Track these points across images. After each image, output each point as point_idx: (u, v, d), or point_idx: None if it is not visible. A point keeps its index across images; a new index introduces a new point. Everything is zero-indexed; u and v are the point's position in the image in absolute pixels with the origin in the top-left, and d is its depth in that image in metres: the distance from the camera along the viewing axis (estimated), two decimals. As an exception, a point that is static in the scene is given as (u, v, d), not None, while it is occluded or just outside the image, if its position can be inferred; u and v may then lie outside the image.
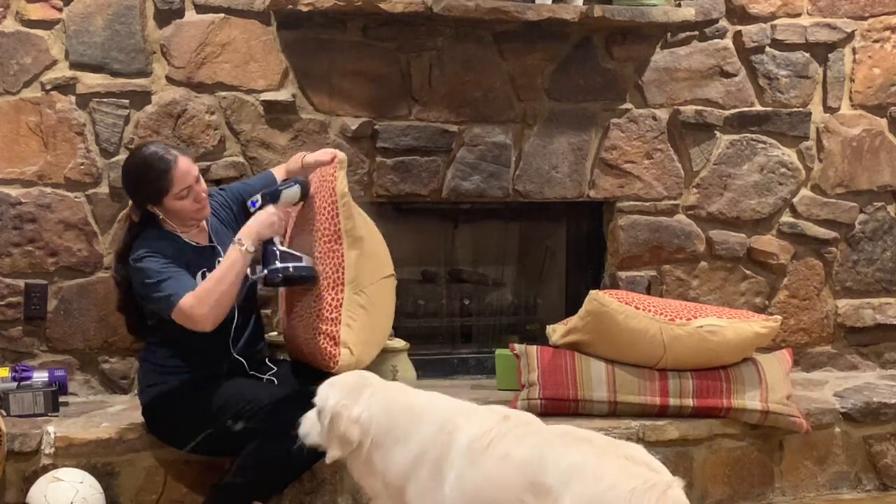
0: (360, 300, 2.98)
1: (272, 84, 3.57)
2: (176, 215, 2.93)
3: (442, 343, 4.04)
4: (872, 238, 4.10)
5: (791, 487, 3.45)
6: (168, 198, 2.88)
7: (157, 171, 2.86)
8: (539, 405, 3.30)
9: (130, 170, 2.96)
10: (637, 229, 3.90)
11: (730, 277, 3.99)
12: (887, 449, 3.56)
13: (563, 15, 3.58)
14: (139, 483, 3.04)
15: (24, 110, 3.41)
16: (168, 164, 2.86)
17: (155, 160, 2.88)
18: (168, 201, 2.89)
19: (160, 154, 2.89)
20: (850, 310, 4.09)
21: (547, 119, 3.79)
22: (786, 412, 3.32)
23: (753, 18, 3.91)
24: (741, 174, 3.95)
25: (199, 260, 2.94)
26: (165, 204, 2.89)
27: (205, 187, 2.97)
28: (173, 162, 2.87)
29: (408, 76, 3.66)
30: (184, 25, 3.49)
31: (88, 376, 3.52)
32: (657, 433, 3.28)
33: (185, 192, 2.88)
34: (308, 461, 2.84)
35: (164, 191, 2.86)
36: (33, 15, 3.40)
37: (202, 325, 2.78)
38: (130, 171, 2.96)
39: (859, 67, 4.02)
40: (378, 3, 3.42)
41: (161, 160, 2.87)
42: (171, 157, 2.88)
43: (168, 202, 2.89)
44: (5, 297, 3.44)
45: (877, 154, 4.06)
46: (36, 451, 2.98)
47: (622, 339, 3.31)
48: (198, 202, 2.92)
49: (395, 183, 3.67)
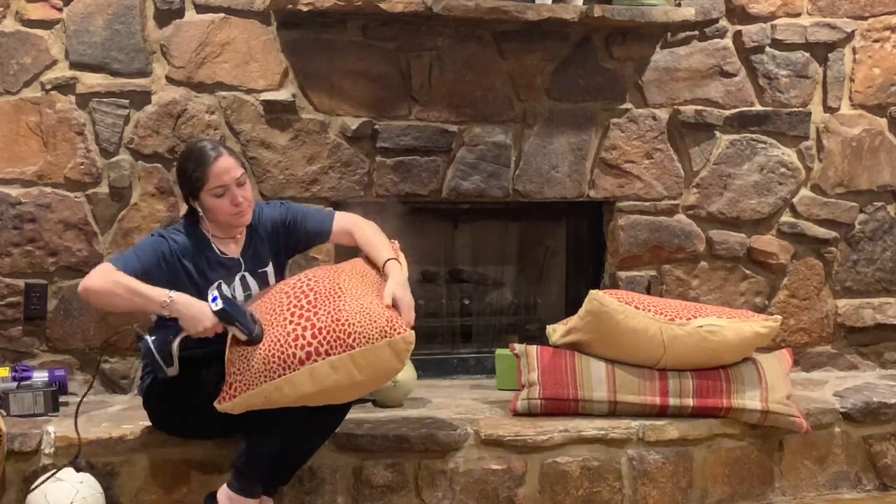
0: None
1: (272, 84, 3.57)
2: (214, 215, 2.95)
3: (442, 343, 4.05)
4: (872, 238, 4.10)
5: (791, 487, 3.45)
6: (204, 192, 2.92)
7: (197, 163, 2.92)
8: (539, 405, 3.31)
9: (180, 157, 3.06)
10: (637, 229, 3.90)
11: (730, 277, 3.99)
12: (887, 449, 3.56)
13: (563, 15, 3.58)
14: (139, 483, 3.04)
15: (24, 110, 3.41)
16: (208, 159, 2.92)
17: (198, 153, 2.95)
18: (205, 196, 2.92)
19: (206, 149, 2.96)
20: (850, 310, 4.09)
21: (547, 119, 3.79)
22: (786, 412, 3.32)
23: (753, 18, 3.91)
24: (741, 174, 3.95)
25: (218, 271, 2.95)
26: (203, 199, 2.93)
27: (249, 196, 2.97)
28: (214, 158, 2.92)
29: (408, 76, 3.67)
30: (184, 25, 3.49)
31: (88, 376, 3.52)
32: (657, 433, 3.28)
33: (221, 191, 2.91)
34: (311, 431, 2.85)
35: (201, 184, 2.91)
36: (33, 15, 3.40)
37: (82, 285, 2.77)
38: (178, 161, 3.06)
39: (859, 67, 4.02)
40: (378, 3, 3.43)
41: (203, 154, 2.94)
42: (213, 154, 2.93)
43: (205, 197, 2.93)
44: (5, 297, 3.44)
45: (877, 154, 4.07)
46: (36, 451, 2.98)
47: (622, 338, 3.31)
48: (235, 205, 2.92)
49: (395, 183, 3.68)
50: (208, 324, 2.75)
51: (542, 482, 3.20)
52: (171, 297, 2.75)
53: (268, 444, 2.77)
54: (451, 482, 3.14)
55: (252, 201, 2.99)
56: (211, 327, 2.76)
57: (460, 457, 3.15)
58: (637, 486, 3.27)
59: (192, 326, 2.75)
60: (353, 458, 3.10)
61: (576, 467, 3.22)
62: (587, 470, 3.23)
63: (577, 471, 3.22)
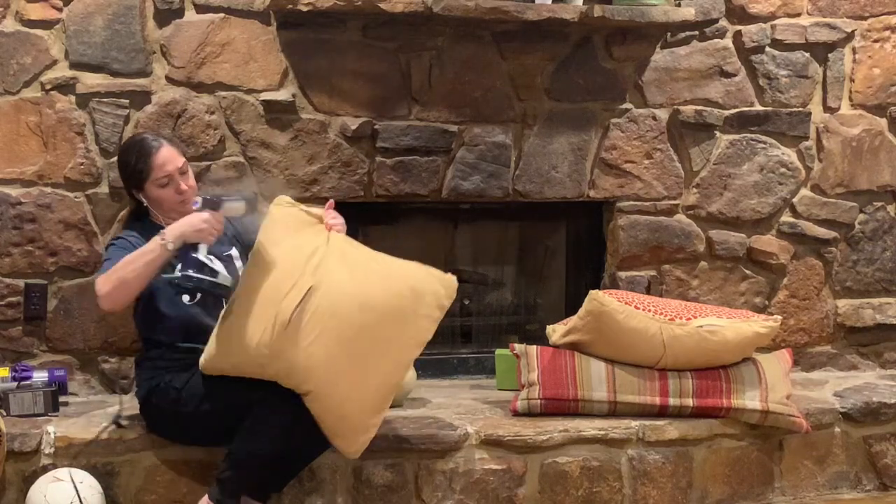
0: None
1: (272, 84, 3.57)
2: (159, 205, 3.01)
3: (442, 343, 4.03)
4: (872, 238, 4.10)
5: (791, 487, 3.45)
6: (149, 183, 2.98)
7: (139, 155, 2.99)
8: (539, 405, 3.31)
9: (120, 153, 3.13)
10: (637, 229, 3.90)
11: (730, 277, 3.99)
12: (887, 449, 3.57)
13: (563, 15, 3.58)
14: (139, 483, 3.03)
15: (24, 110, 3.41)
16: (151, 150, 2.98)
17: (140, 145, 3.02)
18: (149, 187, 2.99)
19: (147, 140, 3.04)
20: (850, 310, 4.09)
21: (547, 119, 3.79)
22: (786, 412, 3.32)
23: (753, 18, 3.91)
24: (741, 174, 3.95)
25: (181, 255, 2.96)
26: (147, 190, 3.00)
27: (192, 183, 3.05)
28: (157, 148, 2.98)
29: (408, 76, 3.67)
30: (184, 25, 3.49)
31: (88, 376, 3.52)
32: (657, 433, 3.28)
33: (165, 181, 2.97)
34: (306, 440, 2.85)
35: (145, 175, 2.97)
36: (33, 15, 3.40)
37: (103, 303, 2.81)
38: (120, 155, 3.12)
39: (859, 67, 4.02)
40: (378, 3, 3.42)
41: (145, 145, 3.01)
42: (155, 144, 3.00)
43: (149, 188, 2.99)
44: (5, 297, 3.44)
45: (877, 154, 4.07)
46: (36, 451, 2.98)
47: (622, 338, 3.31)
48: (180, 194, 2.99)
49: (395, 183, 3.68)
50: (204, 221, 2.79)
51: (542, 482, 3.21)
52: (164, 235, 2.79)
53: (261, 444, 2.75)
54: (451, 482, 3.14)
55: (195, 188, 3.06)
56: (212, 220, 2.80)
57: (460, 457, 3.16)
58: (637, 486, 3.27)
59: (199, 235, 2.80)
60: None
61: (576, 467, 3.22)
62: (587, 470, 3.23)
63: (576, 471, 3.22)
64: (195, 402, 2.85)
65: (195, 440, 2.98)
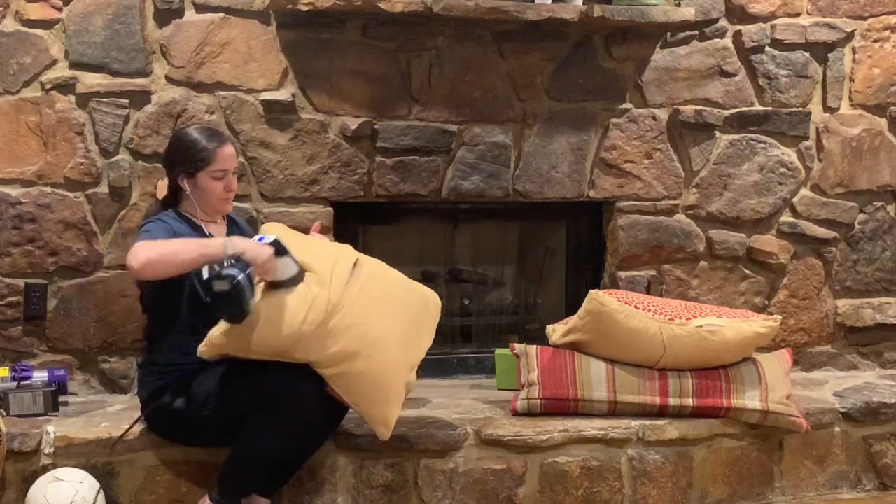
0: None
1: (272, 84, 3.57)
2: (204, 196, 2.97)
3: (442, 343, 4.03)
4: (872, 238, 4.10)
5: (791, 487, 3.45)
6: (205, 172, 2.94)
7: (206, 142, 2.95)
8: (539, 405, 3.31)
9: (181, 135, 3.02)
10: (637, 229, 3.90)
11: (729, 277, 3.99)
12: (887, 449, 3.57)
13: (562, 15, 3.58)
14: (139, 483, 3.03)
15: (24, 110, 3.41)
16: (220, 140, 2.98)
17: (211, 132, 3.01)
18: (203, 176, 2.94)
19: (218, 130, 3.07)
20: (849, 309, 4.09)
21: (547, 119, 3.79)
22: (786, 412, 3.32)
23: (753, 18, 3.91)
24: (741, 174, 3.95)
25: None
26: (198, 179, 2.95)
27: (236, 187, 3.06)
28: (225, 142, 3.00)
29: (408, 76, 3.67)
30: (183, 25, 3.49)
31: (88, 376, 3.52)
32: (657, 433, 3.28)
33: (221, 174, 2.96)
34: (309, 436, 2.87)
35: (205, 163, 2.93)
36: (33, 15, 3.40)
37: (142, 267, 2.64)
38: (180, 137, 3.01)
39: (859, 67, 4.02)
40: (378, 3, 3.42)
41: (217, 134, 3.01)
42: (224, 137, 3.02)
43: (202, 177, 2.94)
44: (5, 296, 3.44)
45: (876, 154, 4.07)
46: (36, 450, 2.98)
47: (622, 338, 3.31)
48: (228, 191, 2.99)
49: (395, 183, 3.67)
50: (266, 255, 2.70)
51: (542, 482, 3.20)
52: (228, 240, 2.71)
53: (262, 446, 2.76)
54: (451, 482, 3.14)
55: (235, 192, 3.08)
56: (268, 259, 2.70)
57: (460, 457, 3.16)
58: (637, 486, 3.27)
59: (256, 262, 2.66)
60: (353, 458, 3.10)
61: (575, 467, 3.22)
62: (587, 470, 3.23)
63: (576, 471, 3.22)
64: (199, 406, 2.84)
65: (197, 442, 2.98)
